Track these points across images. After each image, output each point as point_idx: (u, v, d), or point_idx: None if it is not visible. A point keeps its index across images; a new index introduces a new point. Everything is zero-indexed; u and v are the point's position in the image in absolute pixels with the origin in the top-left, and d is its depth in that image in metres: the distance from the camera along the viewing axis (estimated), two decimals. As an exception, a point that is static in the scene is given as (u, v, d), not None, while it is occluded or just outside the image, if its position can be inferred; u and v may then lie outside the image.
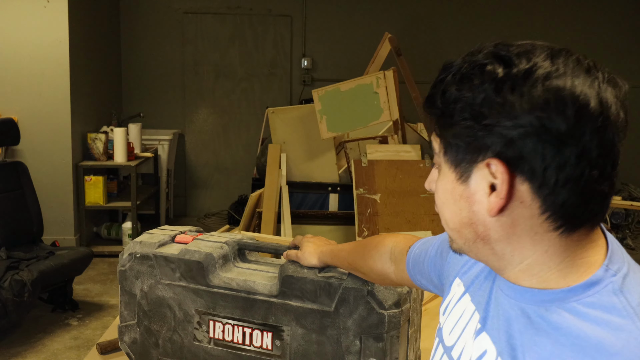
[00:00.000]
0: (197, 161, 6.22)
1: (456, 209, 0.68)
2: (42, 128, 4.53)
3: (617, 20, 6.13)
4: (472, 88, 0.63)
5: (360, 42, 5.88)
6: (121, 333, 1.43)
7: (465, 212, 0.67)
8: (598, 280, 0.63)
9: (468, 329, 0.75)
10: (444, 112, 0.66)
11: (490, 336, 0.69)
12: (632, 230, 5.61)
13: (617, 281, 0.62)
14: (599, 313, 0.60)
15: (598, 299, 0.61)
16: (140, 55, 5.97)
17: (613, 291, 0.62)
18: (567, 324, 0.61)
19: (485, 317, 0.72)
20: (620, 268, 0.64)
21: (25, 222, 3.71)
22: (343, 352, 1.20)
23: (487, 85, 0.62)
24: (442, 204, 0.71)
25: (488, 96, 0.62)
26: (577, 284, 0.63)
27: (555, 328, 0.62)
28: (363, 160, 3.51)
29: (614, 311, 0.60)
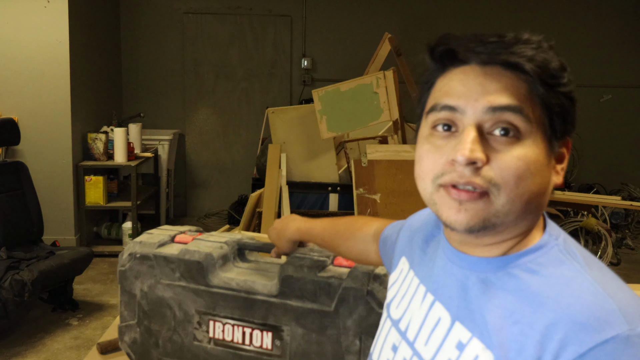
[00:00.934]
0: (197, 161, 6.22)
1: (538, 179, 0.67)
2: (42, 128, 4.53)
3: (617, 20, 6.13)
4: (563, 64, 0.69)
5: (360, 42, 5.89)
6: (121, 333, 1.43)
7: (545, 182, 0.68)
8: (545, 243, 0.70)
9: (414, 301, 0.79)
10: (555, 77, 0.67)
11: (444, 304, 0.73)
12: (632, 230, 5.61)
13: (560, 243, 0.70)
14: (551, 269, 0.66)
15: (548, 258, 0.68)
16: (140, 55, 5.97)
17: (559, 250, 0.69)
18: (526, 282, 0.66)
19: (435, 288, 0.75)
20: (559, 234, 0.71)
21: (26, 222, 3.72)
22: (343, 352, 1.20)
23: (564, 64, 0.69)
24: (521, 174, 0.65)
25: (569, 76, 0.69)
26: (527, 248, 0.70)
27: (514, 287, 0.67)
28: (363, 160, 3.51)
29: (563, 266, 0.66)
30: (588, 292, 0.62)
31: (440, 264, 0.76)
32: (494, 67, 0.66)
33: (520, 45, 0.66)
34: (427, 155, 0.70)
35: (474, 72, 0.67)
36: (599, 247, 4.62)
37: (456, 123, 0.68)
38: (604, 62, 6.09)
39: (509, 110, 0.65)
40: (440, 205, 0.69)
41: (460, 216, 0.67)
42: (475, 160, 0.65)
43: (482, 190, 0.65)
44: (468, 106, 0.66)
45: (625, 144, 6.24)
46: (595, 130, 6.17)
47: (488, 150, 0.65)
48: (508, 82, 0.66)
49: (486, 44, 0.66)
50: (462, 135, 0.66)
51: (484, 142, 0.65)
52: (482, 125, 0.66)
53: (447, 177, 0.67)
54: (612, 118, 6.17)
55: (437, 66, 0.72)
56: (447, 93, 0.69)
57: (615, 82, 6.10)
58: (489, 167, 0.65)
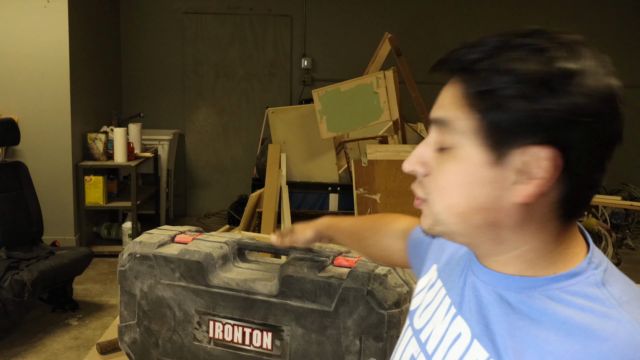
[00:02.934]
0: (197, 161, 6.22)
1: (474, 193, 0.63)
2: (42, 128, 4.53)
3: (617, 20, 6.13)
4: (528, 66, 0.60)
5: (360, 42, 5.88)
6: (121, 333, 1.43)
7: (485, 197, 0.63)
8: (581, 271, 0.63)
9: (438, 313, 0.75)
10: (488, 83, 0.61)
11: (465, 319, 0.69)
12: (632, 230, 5.61)
13: (599, 274, 0.63)
14: (582, 301, 0.60)
15: (581, 289, 0.61)
16: (140, 55, 5.97)
17: (595, 283, 0.62)
18: (553, 309, 0.61)
19: (460, 302, 0.72)
20: (601, 262, 0.65)
21: (25, 222, 3.71)
22: (343, 352, 1.20)
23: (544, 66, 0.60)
24: (449, 187, 0.65)
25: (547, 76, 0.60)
26: (560, 273, 0.64)
27: (540, 313, 0.61)
28: (363, 160, 3.51)
29: (597, 301, 0.60)
30: (625, 331, 0.56)
31: (465, 277, 0.74)
32: (453, 78, 0.66)
33: (464, 50, 0.63)
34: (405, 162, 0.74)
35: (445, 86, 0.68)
36: (599, 247, 4.61)
37: None
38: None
39: (435, 124, 0.67)
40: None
41: (421, 220, 0.71)
42: (411, 171, 0.69)
43: (422, 199, 0.70)
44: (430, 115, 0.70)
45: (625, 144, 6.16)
46: (595, 130, 6.16)
47: (432, 162, 0.68)
48: (450, 91, 0.65)
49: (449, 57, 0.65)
50: None
51: (431, 154, 0.68)
52: (432, 137, 0.68)
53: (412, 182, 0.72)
54: (612, 118, 6.16)
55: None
56: None
57: (616, 82, 6.08)
58: (428, 179, 0.68)
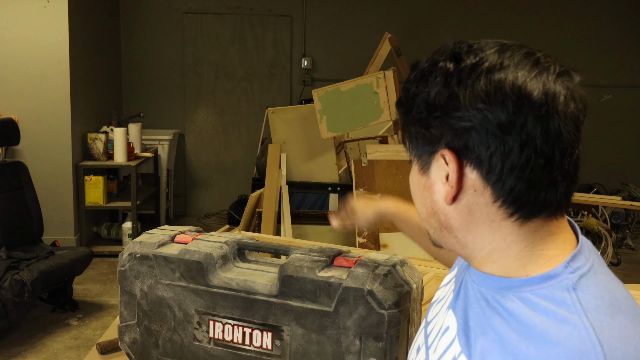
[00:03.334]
0: (197, 161, 6.22)
1: (422, 199, 0.72)
2: (42, 128, 4.53)
3: (617, 20, 6.13)
4: (428, 83, 0.67)
5: (360, 42, 5.88)
6: (121, 333, 1.43)
7: (429, 202, 0.71)
8: (555, 274, 0.64)
9: (444, 307, 0.79)
10: (406, 108, 0.71)
11: (455, 314, 0.73)
12: (632, 230, 5.61)
13: (573, 278, 0.64)
14: (548, 305, 0.62)
15: (550, 292, 0.63)
16: (140, 55, 5.97)
17: (566, 287, 0.63)
18: (518, 310, 0.63)
19: (455, 297, 0.76)
20: (580, 267, 0.65)
21: (25, 222, 3.71)
22: (343, 352, 1.20)
23: (438, 79, 0.66)
24: (413, 196, 0.75)
25: (439, 90, 0.66)
26: (535, 275, 0.65)
27: (508, 313, 0.64)
28: (363, 160, 3.51)
29: (562, 305, 0.61)
30: (577, 336, 0.58)
31: (463, 274, 0.78)
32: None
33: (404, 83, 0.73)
34: None
35: None
36: (600, 248, 4.62)
37: None
38: (604, 62, 6.09)
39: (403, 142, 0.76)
40: None
41: None
42: None
43: None
44: None
45: (625, 144, 6.23)
46: (595, 131, 6.16)
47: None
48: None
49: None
50: None
51: None
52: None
53: None
54: (612, 118, 6.16)
55: None
56: None
57: (615, 82, 6.09)
58: None
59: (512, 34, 5.94)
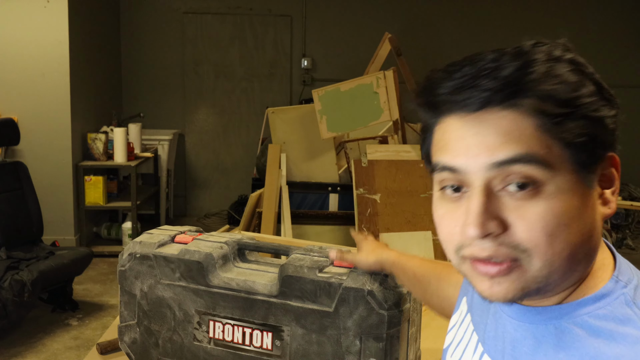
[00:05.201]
0: (197, 161, 6.22)
1: (577, 228, 0.56)
2: (42, 128, 4.53)
3: (617, 20, 6.13)
4: (583, 81, 0.58)
5: (360, 42, 5.88)
6: (121, 333, 1.43)
7: (588, 225, 0.57)
8: (609, 292, 0.58)
9: (467, 351, 0.70)
10: (564, 104, 0.56)
11: (492, 357, 0.65)
12: (632, 230, 5.61)
13: (629, 293, 0.57)
14: (613, 326, 0.55)
15: (610, 312, 0.56)
16: (140, 55, 5.97)
17: (626, 302, 0.57)
18: (581, 343, 0.56)
19: (484, 338, 0.67)
20: (630, 279, 0.59)
21: (25, 222, 3.71)
22: (343, 352, 1.20)
23: (590, 79, 0.59)
24: (548, 233, 0.55)
25: (597, 90, 0.59)
26: (587, 296, 0.58)
27: (567, 347, 0.56)
28: (363, 160, 3.51)
29: (629, 323, 0.55)
30: None
31: (493, 312, 0.67)
32: (490, 109, 0.56)
33: (518, 74, 0.55)
34: (442, 222, 0.61)
35: (467, 121, 0.57)
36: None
37: (463, 183, 0.58)
38: (605, 62, 6.08)
39: (517, 162, 0.55)
40: (471, 278, 0.60)
41: (494, 290, 0.57)
42: (490, 232, 0.55)
43: (511, 262, 0.56)
44: (469, 165, 0.57)
45: (625, 144, 6.12)
46: (596, 130, 6.16)
47: (505, 212, 0.55)
48: (510, 124, 0.55)
49: (474, 86, 0.56)
50: (470, 201, 0.57)
51: (497, 204, 0.56)
52: (490, 183, 0.56)
53: (468, 250, 0.58)
54: (612, 118, 6.16)
55: (429, 115, 0.63)
56: (444, 149, 0.60)
57: (615, 82, 6.06)
58: (512, 232, 0.55)
59: (512, 33, 5.93)
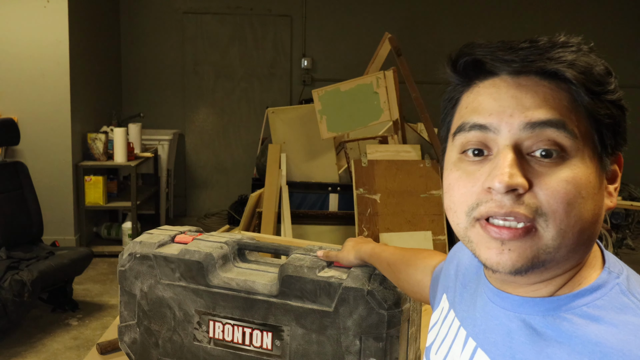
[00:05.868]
0: (197, 161, 6.22)
1: (590, 205, 0.57)
2: (42, 128, 4.53)
3: (617, 21, 6.13)
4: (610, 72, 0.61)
5: (360, 42, 5.88)
6: (121, 333, 1.43)
7: (598, 207, 0.58)
8: (604, 283, 0.59)
9: (455, 347, 0.70)
10: (601, 84, 0.59)
11: (486, 352, 0.64)
12: (632, 230, 5.61)
13: (623, 282, 0.59)
14: (613, 315, 0.56)
15: (608, 301, 0.57)
16: (140, 55, 5.97)
17: (622, 292, 0.58)
18: (582, 330, 0.56)
19: (475, 332, 0.67)
20: (621, 271, 0.61)
21: (25, 222, 3.71)
22: (343, 352, 1.20)
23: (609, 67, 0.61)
24: (568, 201, 0.56)
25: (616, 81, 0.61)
26: (582, 288, 0.59)
27: (568, 337, 0.56)
28: (363, 160, 3.51)
29: (628, 311, 0.56)
30: None
31: (481, 304, 0.67)
32: (529, 77, 0.58)
33: (557, 50, 0.58)
34: (458, 183, 0.60)
35: (505, 84, 0.59)
36: (599, 247, 4.62)
37: (489, 146, 0.59)
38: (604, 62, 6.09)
39: (550, 126, 0.56)
40: (478, 244, 0.59)
41: (503, 258, 0.57)
42: (516, 187, 0.55)
43: (528, 224, 0.56)
44: (502, 123, 0.58)
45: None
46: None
47: (530, 174, 0.56)
48: (547, 92, 0.58)
49: (517, 51, 0.58)
50: (498, 157, 0.57)
51: (524, 165, 0.57)
52: (520, 145, 0.57)
53: (484, 207, 0.58)
54: (612, 118, 6.16)
55: (461, 80, 0.63)
56: (476, 110, 0.60)
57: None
58: (533, 194, 0.56)
59: (512, 33, 5.94)
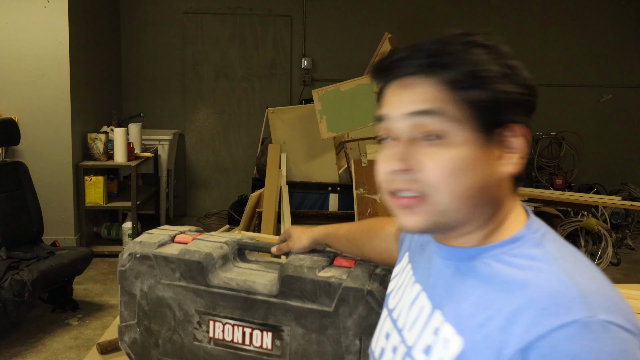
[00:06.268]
0: (197, 161, 6.22)
1: (473, 175, 0.70)
2: (42, 128, 4.53)
3: (617, 21, 6.13)
4: (494, 57, 0.71)
5: (360, 42, 5.88)
6: (121, 333, 1.43)
7: (483, 175, 0.71)
8: (521, 236, 0.72)
9: (406, 293, 0.84)
10: (472, 75, 0.70)
11: (427, 293, 0.78)
12: (632, 230, 5.61)
13: (537, 237, 0.72)
14: (523, 261, 0.69)
15: (522, 251, 0.70)
16: (140, 55, 5.97)
17: (534, 244, 0.71)
18: (497, 271, 0.70)
19: (423, 279, 0.81)
20: (539, 229, 0.73)
21: (25, 222, 3.71)
22: (343, 352, 1.20)
23: (501, 63, 0.71)
24: (451, 174, 0.70)
25: (508, 72, 0.71)
26: (502, 240, 0.73)
27: (487, 277, 0.70)
28: (363, 160, 3.51)
29: (536, 259, 0.69)
30: (554, 280, 0.65)
31: (427, 256, 0.83)
32: (412, 77, 0.72)
33: (437, 54, 0.71)
34: (377, 166, 0.76)
35: (396, 85, 0.74)
36: (599, 247, 4.62)
37: (390, 131, 0.74)
38: (604, 62, 6.09)
39: (422, 115, 0.70)
40: (393, 212, 0.75)
41: (411, 220, 0.73)
42: (399, 168, 0.71)
43: (421, 194, 0.71)
44: (391, 115, 0.74)
45: (625, 144, 6.23)
46: (595, 130, 6.17)
47: (418, 155, 0.71)
48: (424, 88, 0.71)
49: (405, 62, 0.73)
50: (393, 145, 0.73)
51: (412, 148, 0.71)
52: (410, 132, 0.72)
53: (389, 185, 0.74)
54: (612, 118, 6.16)
55: (379, 83, 0.79)
56: (381, 104, 0.77)
57: (615, 82, 6.09)
58: (422, 171, 0.70)
59: (511, 33, 5.94)
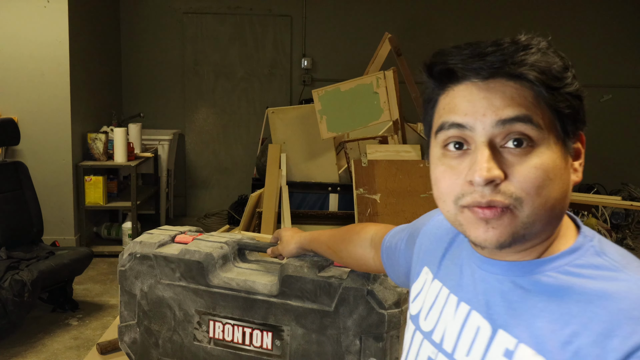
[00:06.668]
0: (197, 161, 6.22)
1: (558, 184, 0.67)
2: (42, 128, 4.53)
3: (617, 20, 6.13)
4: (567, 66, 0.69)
5: (360, 42, 5.88)
6: (121, 333, 1.43)
7: (565, 184, 0.68)
8: (580, 246, 0.69)
9: (446, 312, 0.77)
10: (557, 80, 0.67)
11: (481, 312, 0.72)
12: (632, 230, 5.60)
13: (596, 245, 0.68)
14: (591, 271, 0.65)
15: (585, 261, 0.67)
16: (140, 55, 5.97)
17: (596, 253, 0.68)
18: (567, 284, 0.65)
19: (469, 297, 0.75)
20: (593, 236, 0.70)
21: (25, 222, 3.71)
22: (343, 351, 1.20)
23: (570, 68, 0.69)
24: (539, 185, 0.65)
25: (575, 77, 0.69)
26: (562, 251, 0.69)
27: (553, 289, 0.66)
28: (363, 160, 3.51)
29: (603, 268, 0.65)
30: (635, 288, 0.62)
31: (469, 272, 0.76)
32: (496, 80, 0.67)
33: (520, 54, 0.66)
34: (444, 176, 0.70)
35: (476, 87, 0.67)
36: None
37: (467, 140, 0.68)
38: (604, 62, 6.09)
39: (518, 121, 0.65)
40: (467, 226, 0.69)
41: (489, 235, 0.67)
42: (494, 179, 0.65)
43: (507, 205, 0.65)
44: (477, 122, 0.66)
45: (625, 144, 6.23)
46: (595, 130, 6.15)
47: (504, 165, 0.65)
48: (513, 92, 0.66)
49: (484, 58, 0.67)
50: (476, 154, 0.66)
51: (498, 157, 0.66)
52: (493, 139, 0.66)
53: (469, 198, 0.67)
54: (612, 118, 6.16)
55: (437, 85, 0.72)
56: (453, 110, 0.69)
57: (615, 82, 6.09)
58: (509, 182, 0.65)
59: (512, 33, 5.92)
